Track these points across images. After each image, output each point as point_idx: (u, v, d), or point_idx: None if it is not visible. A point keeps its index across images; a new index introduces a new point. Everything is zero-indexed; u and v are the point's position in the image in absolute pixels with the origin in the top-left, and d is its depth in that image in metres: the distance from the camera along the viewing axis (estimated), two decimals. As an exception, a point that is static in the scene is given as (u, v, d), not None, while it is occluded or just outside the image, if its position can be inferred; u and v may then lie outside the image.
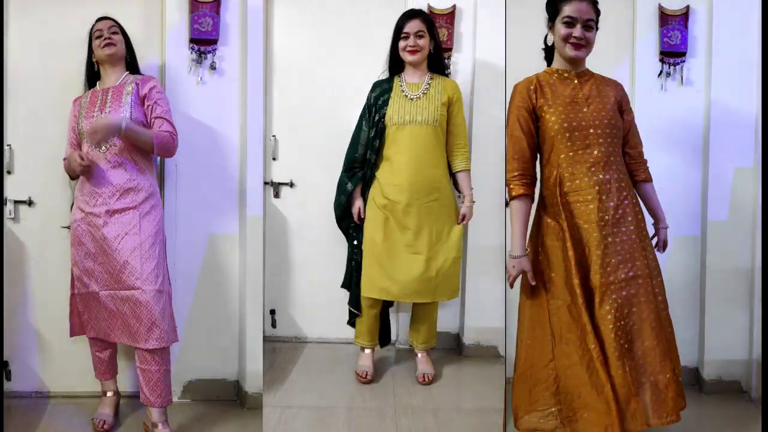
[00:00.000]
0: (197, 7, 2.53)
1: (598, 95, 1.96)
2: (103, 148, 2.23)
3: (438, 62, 2.64)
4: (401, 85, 2.59)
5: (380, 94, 2.60)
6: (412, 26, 2.50)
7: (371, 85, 2.68)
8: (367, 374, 2.69)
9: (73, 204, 2.35)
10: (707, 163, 2.64)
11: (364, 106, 2.67)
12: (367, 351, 2.77)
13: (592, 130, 1.92)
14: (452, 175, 2.69)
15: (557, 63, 2.01)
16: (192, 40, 2.53)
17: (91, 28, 2.35)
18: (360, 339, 2.77)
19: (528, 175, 1.98)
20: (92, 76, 2.40)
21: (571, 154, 1.93)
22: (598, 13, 1.97)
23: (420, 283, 2.56)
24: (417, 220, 2.55)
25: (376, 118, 2.58)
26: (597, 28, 1.98)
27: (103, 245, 2.20)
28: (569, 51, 1.94)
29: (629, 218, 1.91)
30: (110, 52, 2.30)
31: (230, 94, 2.55)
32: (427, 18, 2.57)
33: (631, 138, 2.06)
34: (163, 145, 2.24)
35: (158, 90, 2.33)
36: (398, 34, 2.54)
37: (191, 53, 2.54)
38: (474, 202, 2.64)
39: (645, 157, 2.12)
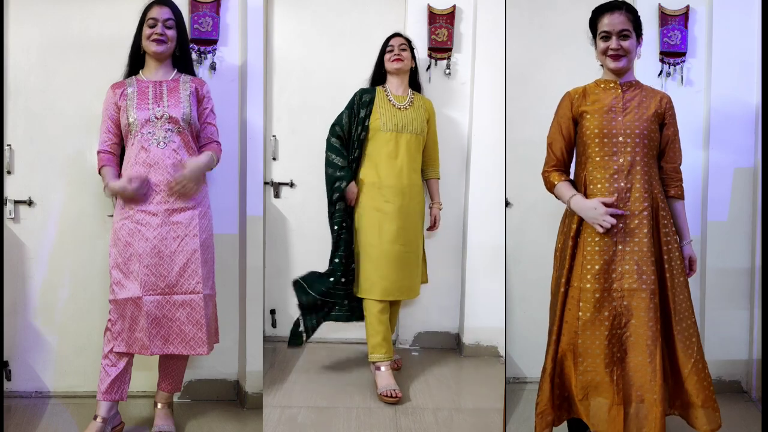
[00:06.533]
0: (197, 7, 2.53)
1: (637, 106, 1.98)
2: (162, 143, 2.11)
3: (416, 82, 2.84)
4: (387, 95, 2.70)
5: (368, 100, 2.67)
6: (396, 41, 2.73)
7: (358, 90, 2.71)
8: (395, 392, 2.49)
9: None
10: (707, 163, 2.64)
11: (348, 107, 2.69)
12: (384, 368, 2.57)
13: (621, 138, 1.95)
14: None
15: (604, 75, 2.06)
16: (192, 40, 2.53)
17: (144, 11, 2.19)
18: (377, 353, 2.57)
19: (564, 171, 2.07)
20: (136, 62, 2.25)
21: (598, 159, 1.97)
22: (636, 22, 2.00)
23: (411, 280, 2.68)
24: (405, 221, 2.64)
25: (362, 117, 2.64)
26: (640, 35, 2.01)
27: (159, 246, 2.08)
28: (610, 63, 2.00)
29: (645, 230, 1.91)
30: (159, 50, 2.17)
31: (230, 94, 2.55)
32: (408, 39, 2.78)
33: (669, 152, 2.04)
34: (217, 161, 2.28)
35: (210, 97, 2.29)
36: (384, 48, 2.74)
37: (191, 53, 2.54)
38: (441, 208, 2.87)
39: (681, 173, 2.08)
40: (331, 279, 2.63)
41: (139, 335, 2.09)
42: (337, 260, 2.65)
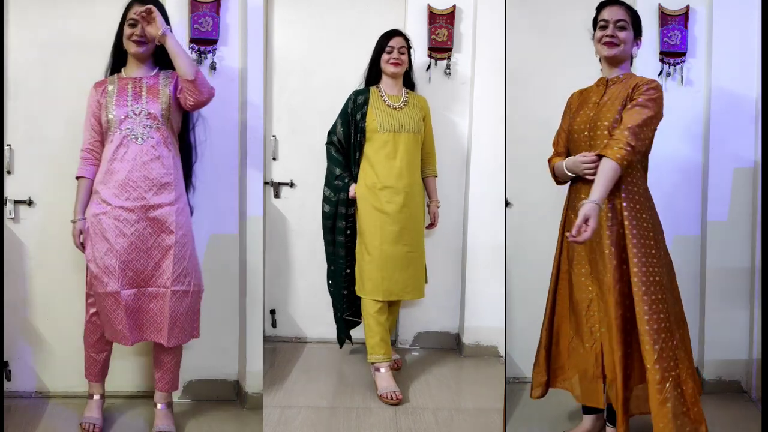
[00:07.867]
0: (197, 7, 2.53)
1: (612, 100, 1.98)
2: (140, 139, 2.13)
3: (410, 80, 2.80)
4: (382, 96, 2.68)
5: (362, 102, 2.67)
6: (396, 42, 2.66)
7: (351, 93, 2.71)
8: (395, 395, 2.49)
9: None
10: (707, 163, 2.64)
11: (342, 112, 2.70)
12: (383, 370, 2.57)
13: (586, 133, 2.00)
14: None
15: (602, 72, 2.09)
16: (192, 40, 2.53)
17: (126, 9, 2.18)
18: (376, 354, 2.58)
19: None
20: (119, 60, 2.27)
21: (573, 156, 2.04)
22: (634, 17, 2.03)
23: (414, 280, 2.67)
24: (406, 221, 2.63)
25: (358, 120, 2.64)
26: (638, 36, 2.04)
27: (136, 242, 2.12)
28: (604, 50, 2.02)
29: (609, 223, 1.92)
30: (139, 51, 2.18)
31: (230, 94, 2.55)
32: (407, 38, 2.72)
33: (624, 117, 1.87)
34: (200, 78, 2.12)
35: None
36: (381, 48, 2.67)
37: (191, 53, 2.54)
38: (439, 206, 2.87)
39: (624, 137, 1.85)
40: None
41: (119, 327, 2.15)
42: (349, 270, 2.72)
